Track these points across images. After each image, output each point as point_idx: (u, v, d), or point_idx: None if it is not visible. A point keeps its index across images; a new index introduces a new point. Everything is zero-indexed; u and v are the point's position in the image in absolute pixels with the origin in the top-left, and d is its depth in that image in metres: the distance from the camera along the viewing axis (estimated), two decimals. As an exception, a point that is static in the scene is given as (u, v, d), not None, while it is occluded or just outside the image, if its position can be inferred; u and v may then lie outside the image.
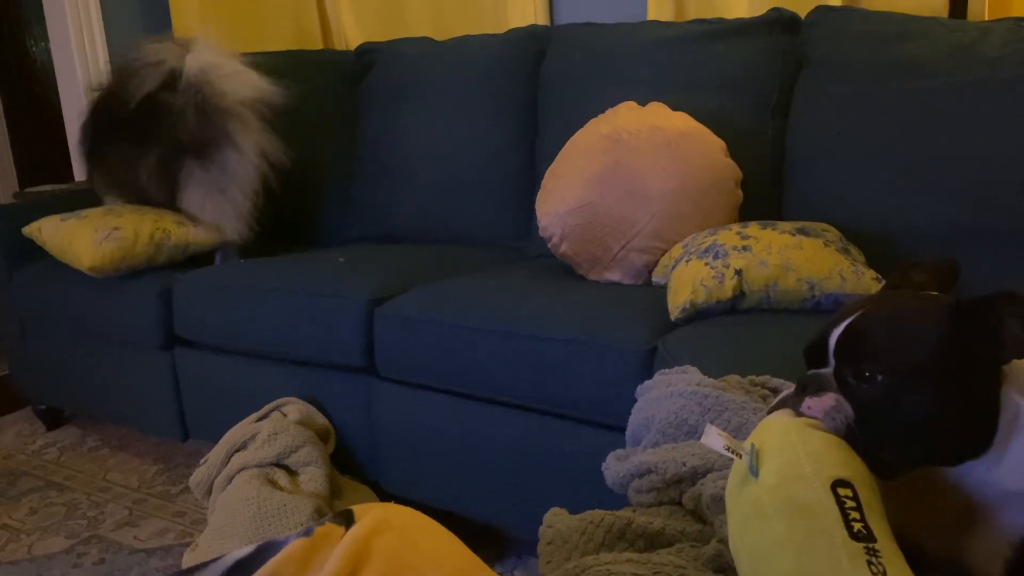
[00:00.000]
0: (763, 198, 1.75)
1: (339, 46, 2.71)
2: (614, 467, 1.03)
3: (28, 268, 2.22)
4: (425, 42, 2.34)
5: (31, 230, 2.15)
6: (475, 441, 1.57)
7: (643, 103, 1.72)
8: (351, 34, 2.67)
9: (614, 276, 1.66)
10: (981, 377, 0.70)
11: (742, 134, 1.74)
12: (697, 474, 0.90)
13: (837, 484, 0.65)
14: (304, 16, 2.73)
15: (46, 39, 2.87)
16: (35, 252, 2.17)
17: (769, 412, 0.78)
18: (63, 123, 2.85)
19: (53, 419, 2.45)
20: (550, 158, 1.80)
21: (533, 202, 1.81)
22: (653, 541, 0.85)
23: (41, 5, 2.77)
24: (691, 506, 0.89)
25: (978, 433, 0.70)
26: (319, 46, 2.74)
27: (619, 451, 1.09)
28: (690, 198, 1.60)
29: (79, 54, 2.72)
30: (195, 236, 2.07)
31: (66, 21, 2.69)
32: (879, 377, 0.70)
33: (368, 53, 2.38)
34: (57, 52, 2.77)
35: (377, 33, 2.59)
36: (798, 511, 0.64)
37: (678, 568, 0.76)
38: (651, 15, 2.15)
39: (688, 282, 1.39)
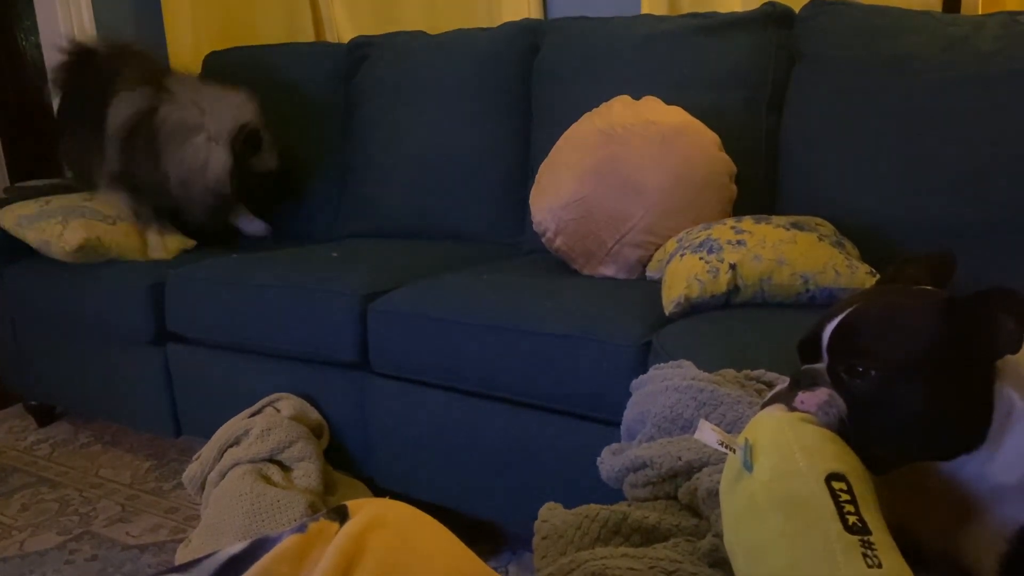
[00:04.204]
0: (757, 192, 1.75)
1: (331, 39, 2.70)
2: (609, 461, 1.03)
3: (18, 264, 2.21)
4: (418, 36, 2.33)
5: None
6: (469, 436, 1.57)
7: (637, 97, 1.72)
8: (343, 27, 2.66)
9: (608, 271, 1.66)
10: (974, 373, 0.70)
11: (736, 128, 1.74)
12: (692, 468, 0.90)
13: (831, 478, 0.65)
14: (296, 9, 2.72)
15: (36, 34, 2.84)
16: (26, 248, 2.16)
17: (762, 407, 0.78)
18: (53, 119, 2.83)
19: (45, 415, 2.44)
20: (544, 152, 1.79)
21: (527, 197, 1.80)
22: (649, 536, 0.85)
23: (31, 1, 2.75)
24: (687, 500, 0.89)
25: (971, 428, 0.70)
26: (311, 39, 2.73)
27: (614, 445, 1.09)
28: (684, 193, 1.60)
29: (70, 49, 2.70)
30: None
31: (56, 16, 2.67)
32: (872, 372, 0.70)
33: (361, 47, 2.37)
34: (47, 48, 2.74)
35: (369, 26, 2.58)
36: (793, 505, 0.64)
37: (674, 563, 0.76)
38: (645, 9, 2.14)
39: (682, 277, 1.39)
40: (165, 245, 2.14)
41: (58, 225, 2.06)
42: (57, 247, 2.04)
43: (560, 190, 1.66)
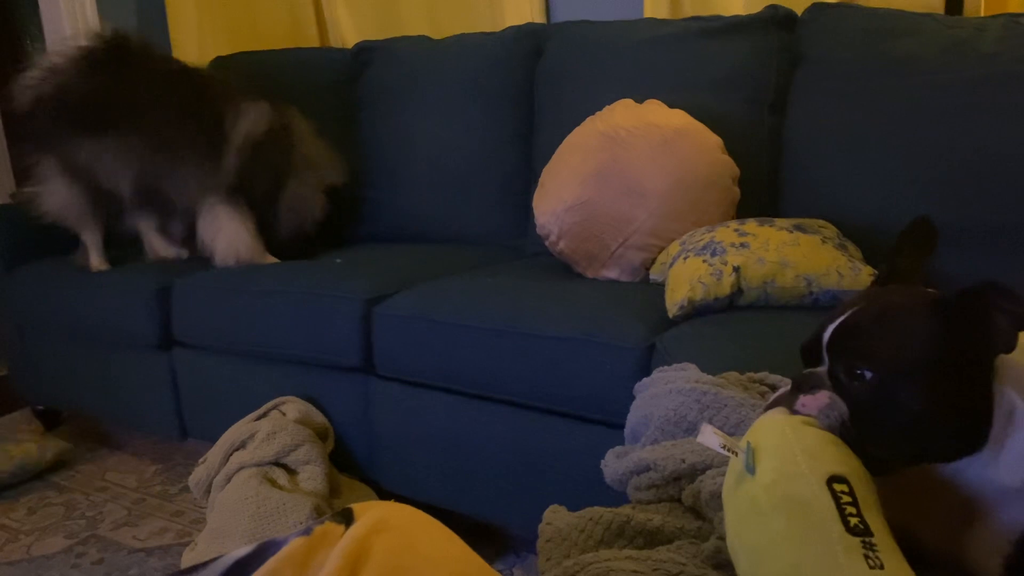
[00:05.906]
0: (760, 195, 1.75)
1: (335, 44, 2.70)
2: (613, 464, 1.03)
3: (26, 268, 2.22)
4: (422, 41, 2.33)
5: None
6: (474, 439, 1.57)
7: (640, 100, 1.73)
8: (347, 32, 2.67)
9: (611, 274, 1.67)
10: (973, 373, 0.70)
11: (739, 131, 1.74)
12: (696, 471, 0.90)
13: (833, 480, 0.65)
14: (300, 14, 2.73)
15: (42, 39, 2.86)
16: (33, 252, 2.17)
17: (764, 410, 0.78)
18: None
19: (51, 419, 2.45)
20: (547, 156, 1.80)
21: (530, 200, 1.81)
22: (652, 538, 0.85)
23: (37, 4, 2.76)
24: (690, 503, 0.89)
25: (972, 430, 0.70)
26: (315, 44, 2.74)
27: (618, 448, 1.09)
28: (687, 195, 1.60)
29: (75, 54, 2.71)
30: None
31: (62, 20, 2.68)
32: (870, 374, 0.70)
33: (365, 52, 2.38)
34: (52, 52, 2.75)
35: (373, 31, 2.59)
36: (795, 507, 0.64)
37: (677, 565, 0.76)
38: (647, 12, 2.15)
39: (686, 279, 1.39)
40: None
41: None
42: None
43: (563, 193, 1.66)
